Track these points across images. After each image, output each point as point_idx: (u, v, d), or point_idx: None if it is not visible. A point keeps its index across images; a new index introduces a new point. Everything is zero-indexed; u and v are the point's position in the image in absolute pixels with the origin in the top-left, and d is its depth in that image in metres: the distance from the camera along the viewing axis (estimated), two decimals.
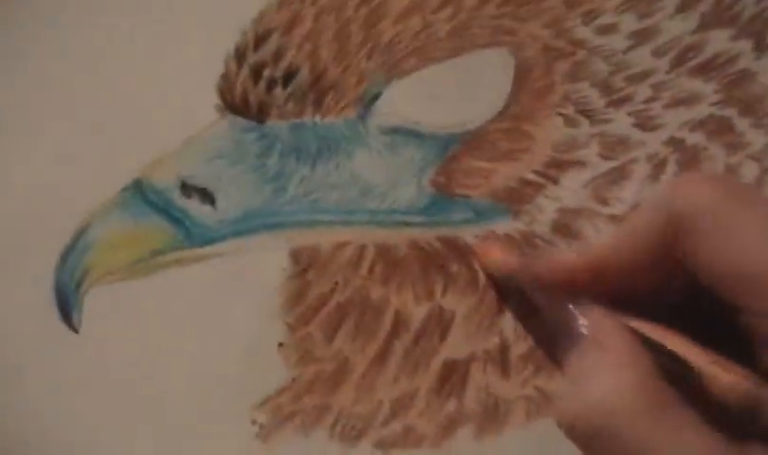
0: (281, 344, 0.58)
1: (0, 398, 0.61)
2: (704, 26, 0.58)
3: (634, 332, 0.31)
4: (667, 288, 0.32)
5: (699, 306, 0.31)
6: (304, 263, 0.59)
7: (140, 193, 0.62)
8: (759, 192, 0.28)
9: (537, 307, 0.34)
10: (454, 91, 0.59)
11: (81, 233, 0.62)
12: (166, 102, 0.63)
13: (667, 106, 0.58)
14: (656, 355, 0.30)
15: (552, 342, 0.34)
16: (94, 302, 0.61)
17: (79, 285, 0.61)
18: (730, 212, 0.29)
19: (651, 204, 0.31)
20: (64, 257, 0.62)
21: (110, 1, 0.66)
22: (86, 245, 0.62)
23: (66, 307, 0.61)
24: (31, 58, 0.66)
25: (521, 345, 0.56)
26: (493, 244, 0.47)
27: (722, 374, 0.29)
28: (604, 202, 0.57)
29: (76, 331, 0.61)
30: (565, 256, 0.33)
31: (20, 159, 0.64)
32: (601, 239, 0.32)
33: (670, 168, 0.57)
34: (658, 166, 0.57)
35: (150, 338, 0.60)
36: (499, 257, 0.36)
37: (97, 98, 0.64)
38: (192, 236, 0.60)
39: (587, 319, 0.32)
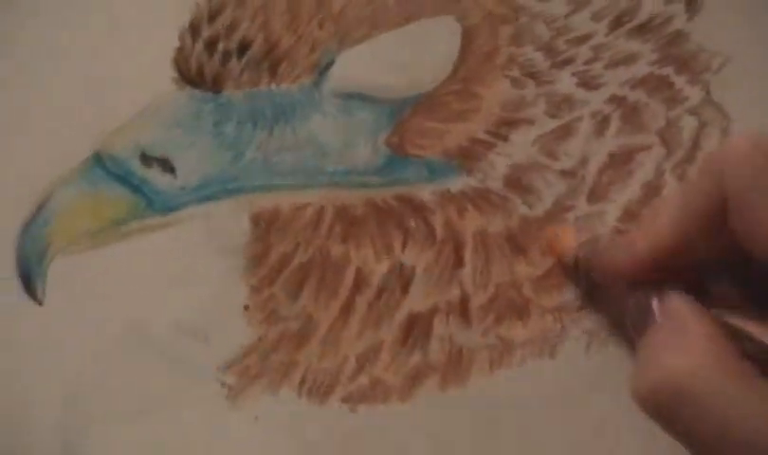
0: (246, 306, 0.60)
1: None
2: None
3: (711, 316, 0.32)
4: (728, 259, 0.33)
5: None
6: (265, 226, 0.61)
7: (100, 164, 0.62)
8: None
9: (605, 290, 0.37)
10: (405, 57, 0.61)
11: (41, 205, 0.62)
12: (123, 77, 0.64)
13: (607, 66, 0.61)
14: (735, 339, 0.31)
15: (620, 322, 0.36)
16: (58, 273, 0.62)
17: (41, 257, 0.62)
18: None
19: (699, 181, 0.32)
20: (26, 229, 0.63)
21: None
22: (48, 217, 0.62)
23: (30, 279, 0.62)
24: None
25: (480, 296, 0.58)
26: (566, 230, 0.49)
27: None
28: (553, 156, 0.59)
29: (40, 303, 0.62)
30: (627, 246, 0.35)
31: None
32: (656, 220, 0.33)
33: (614, 124, 0.60)
34: (602, 122, 0.60)
35: (115, 308, 0.61)
36: (571, 244, 0.38)
37: (53, 72, 0.65)
38: (154, 204, 0.61)
39: (662, 303, 0.33)
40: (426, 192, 0.60)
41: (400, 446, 0.58)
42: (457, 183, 0.60)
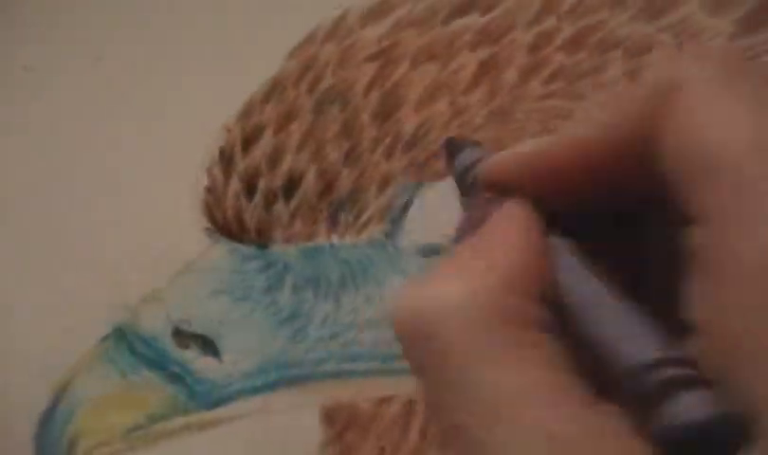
0: None
1: None
2: None
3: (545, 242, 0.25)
4: (623, 194, 0.26)
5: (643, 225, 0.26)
6: (341, 425, 0.50)
7: (125, 343, 0.53)
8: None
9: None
10: None
11: (60, 395, 0.53)
12: (145, 229, 0.54)
13: None
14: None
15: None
16: None
17: None
18: (718, 91, 0.23)
19: (639, 84, 0.25)
20: (44, 425, 0.53)
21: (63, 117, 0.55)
22: (69, 409, 0.53)
23: None
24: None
25: None
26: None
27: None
28: None
29: None
30: (522, 150, 0.27)
31: None
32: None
33: None
34: None
35: None
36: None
37: (65, 224, 0.55)
38: (197, 396, 0.51)
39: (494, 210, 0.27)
40: None
41: None
42: None
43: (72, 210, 0.54)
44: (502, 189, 0.27)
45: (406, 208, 0.49)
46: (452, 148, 0.30)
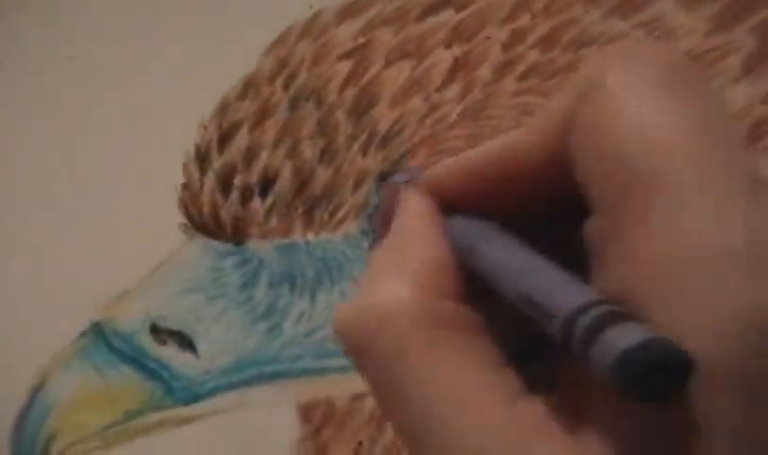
0: None
1: None
2: None
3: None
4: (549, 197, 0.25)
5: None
6: (317, 421, 0.50)
7: (102, 339, 0.52)
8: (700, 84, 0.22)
9: None
10: None
11: (36, 392, 0.52)
12: (122, 225, 0.53)
13: None
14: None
15: None
16: None
17: None
18: (631, 92, 0.22)
19: (566, 83, 0.24)
20: (21, 423, 0.53)
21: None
22: (46, 407, 0.52)
23: None
24: None
25: None
26: None
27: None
28: None
29: None
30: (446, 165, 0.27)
31: None
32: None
33: None
34: None
35: None
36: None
37: (43, 220, 0.55)
38: (174, 392, 0.51)
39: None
40: None
41: None
42: None
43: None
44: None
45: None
46: (383, 176, 0.30)
